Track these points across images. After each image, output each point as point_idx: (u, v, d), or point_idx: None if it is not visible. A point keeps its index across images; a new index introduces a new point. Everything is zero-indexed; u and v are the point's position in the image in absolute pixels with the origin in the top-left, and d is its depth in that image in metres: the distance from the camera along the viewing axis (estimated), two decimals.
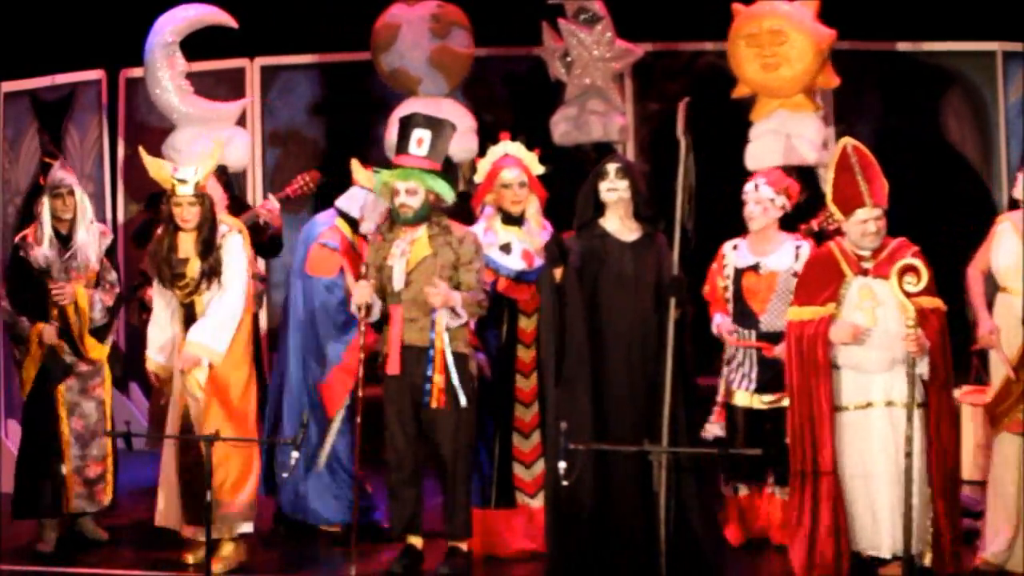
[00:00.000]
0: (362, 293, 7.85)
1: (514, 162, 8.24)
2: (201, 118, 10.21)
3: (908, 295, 7.26)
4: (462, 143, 10.58)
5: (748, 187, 8.14)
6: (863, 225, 7.42)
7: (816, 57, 9.88)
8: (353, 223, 8.48)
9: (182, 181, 7.98)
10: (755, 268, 8.08)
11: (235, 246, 8.09)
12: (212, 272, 8.02)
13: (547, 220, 8.35)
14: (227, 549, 8.11)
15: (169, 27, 10.16)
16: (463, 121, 10.61)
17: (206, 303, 8.05)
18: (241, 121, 11.15)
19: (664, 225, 7.58)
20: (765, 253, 8.09)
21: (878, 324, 7.40)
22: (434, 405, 7.77)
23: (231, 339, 8.01)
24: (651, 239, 7.66)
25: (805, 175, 9.95)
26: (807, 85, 10.00)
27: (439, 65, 10.63)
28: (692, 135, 7.33)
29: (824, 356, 7.44)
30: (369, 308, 7.89)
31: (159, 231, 8.13)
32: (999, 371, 7.72)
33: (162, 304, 8.17)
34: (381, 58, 10.70)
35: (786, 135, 9.94)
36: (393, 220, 7.92)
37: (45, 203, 8.45)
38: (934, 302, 7.38)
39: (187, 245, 8.03)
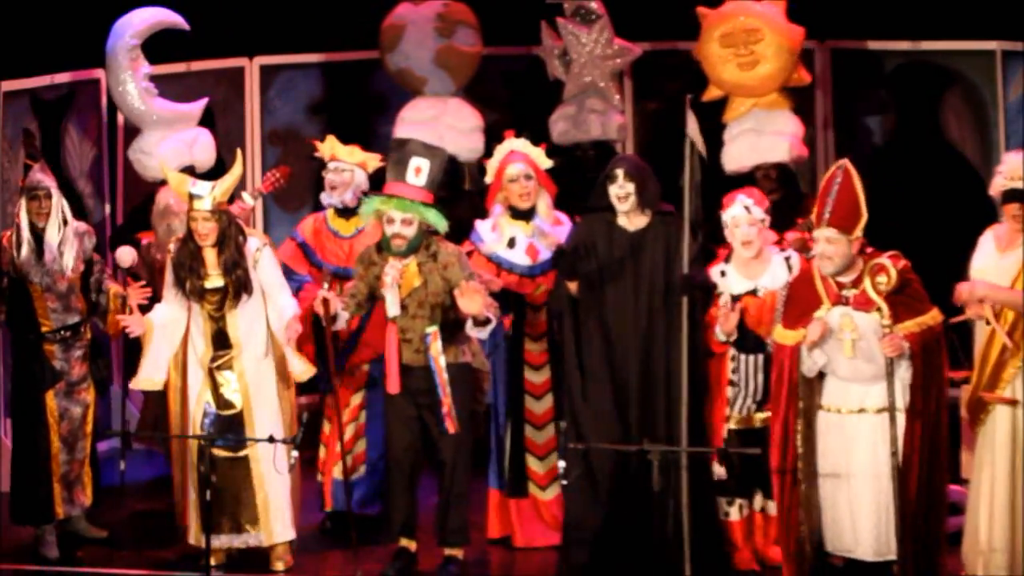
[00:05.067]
0: (329, 302, 7.86)
1: (519, 157, 8.33)
2: (166, 120, 10.22)
3: (881, 294, 7.24)
4: (468, 142, 10.59)
5: (737, 213, 7.80)
6: (815, 245, 7.38)
7: (790, 55, 9.88)
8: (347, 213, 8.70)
9: (198, 196, 7.97)
10: (753, 293, 7.84)
11: (271, 260, 8.13)
12: (241, 288, 8.01)
13: (562, 213, 8.42)
14: (283, 548, 8.19)
15: (129, 30, 10.16)
16: (470, 120, 10.62)
17: (238, 318, 8.05)
18: (240, 120, 11.16)
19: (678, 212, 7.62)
20: (759, 275, 7.86)
21: (857, 356, 7.37)
22: (452, 431, 7.80)
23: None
24: (660, 225, 7.69)
25: (783, 173, 9.96)
26: (783, 82, 9.99)
27: (444, 64, 10.63)
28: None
29: (794, 382, 7.42)
30: (335, 318, 7.90)
31: (181, 243, 8.11)
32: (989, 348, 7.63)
33: (171, 317, 8.14)
34: (387, 58, 10.70)
35: (766, 133, 9.95)
36: (381, 247, 7.91)
37: (22, 205, 8.44)
38: (920, 323, 7.33)
39: (213, 259, 8.03)
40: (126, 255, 8.64)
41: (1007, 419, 7.42)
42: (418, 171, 7.80)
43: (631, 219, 7.79)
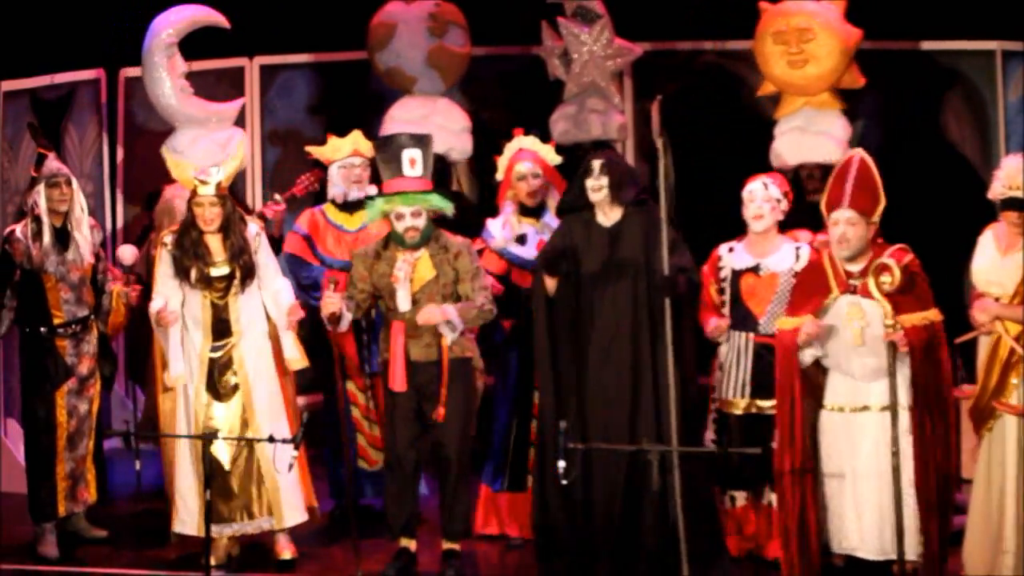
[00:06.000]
0: (331, 304, 7.86)
1: (528, 155, 8.44)
2: (201, 120, 10.20)
3: (885, 295, 7.24)
4: (458, 143, 10.60)
5: (755, 186, 7.99)
6: (834, 228, 7.42)
7: (842, 56, 9.94)
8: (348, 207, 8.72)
9: (203, 182, 7.98)
10: (754, 270, 7.97)
11: (267, 245, 8.19)
12: (247, 273, 8.02)
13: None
14: (286, 539, 8.22)
15: (168, 28, 10.14)
16: (460, 121, 10.62)
17: (240, 304, 8.05)
18: (240, 121, 11.15)
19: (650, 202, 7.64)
20: (765, 254, 7.98)
21: (866, 343, 7.39)
22: (440, 419, 7.82)
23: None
24: (635, 215, 7.71)
25: (828, 173, 9.96)
26: (833, 83, 10.04)
27: (436, 64, 10.63)
28: (667, 134, 7.36)
29: (798, 364, 7.44)
30: (339, 319, 7.90)
31: (180, 232, 8.10)
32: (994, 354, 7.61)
33: (173, 309, 8.13)
34: (377, 56, 10.70)
35: (811, 132, 9.98)
36: (389, 240, 7.92)
37: (41, 193, 8.43)
38: (924, 317, 7.36)
39: (217, 247, 8.03)
40: (128, 253, 8.64)
41: (1015, 423, 7.41)
42: (413, 162, 7.84)
43: (607, 214, 7.82)
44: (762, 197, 7.95)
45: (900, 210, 7.97)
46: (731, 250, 8.03)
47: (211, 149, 9.99)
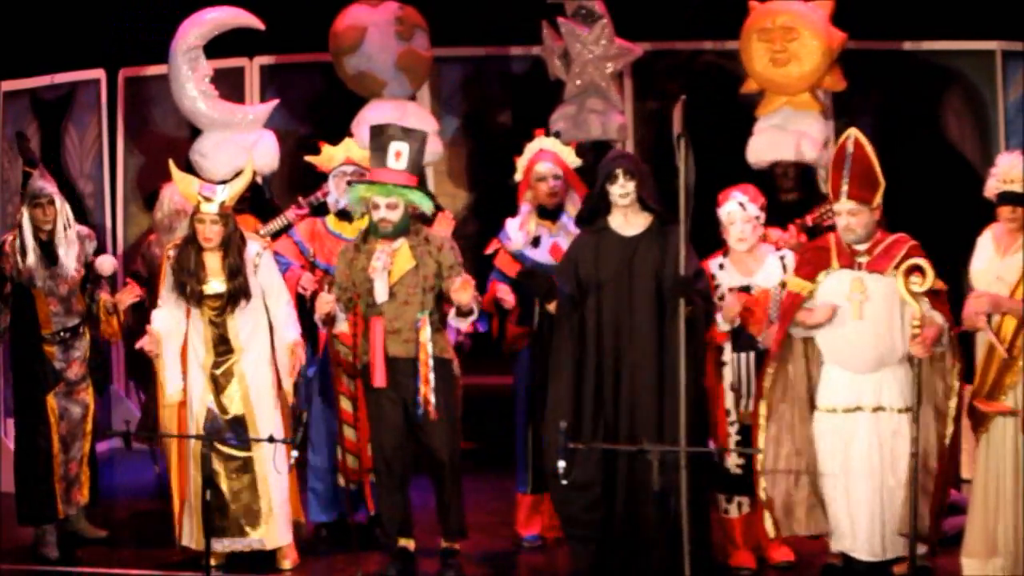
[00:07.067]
0: (324, 305, 7.87)
1: (549, 156, 8.40)
2: (226, 122, 10.19)
3: (914, 295, 7.25)
4: (430, 145, 10.56)
5: (732, 208, 7.86)
6: (838, 218, 7.47)
7: (825, 57, 9.97)
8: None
9: (207, 199, 7.93)
10: (746, 290, 7.86)
11: (270, 264, 8.11)
12: (242, 292, 7.99)
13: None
14: (288, 546, 8.20)
15: (194, 30, 10.13)
16: (430, 124, 10.62)
17: (239, 323, 8.03)
18: None
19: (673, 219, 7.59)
20: (752, 272, 7.89)
21: (864, 319, 7.41)
22: (433, 418, 7.80)
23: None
24: (656, 232, 7.66)
25: (804, 173, 9.99)
26: (814, 84, 10.05)
27: (405, 68, 10.63)
28: (689, 134, 7.33)
29: (785, 327, 7.52)
30: (333, 319, 7.90)
31: (179, 246, 8.07)
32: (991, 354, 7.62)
33: (174, 321, 8.11)
34: (345, 60, 10.67)
35: (789, 131, 10.00)
36: (368, 232, 7.91)
37: (24, 213, 8.43)
38: (938, 283, 7.40)
39: (214, 264, 8.01)
40: (107, 263, 8.56)
41: (1012, 423, 7.42)
42: (398, 155, 7.85)
43: (628, 219, 7.73)
44: (742, 219, 7.85)
45: (900, 209, 7.98)
46: (721, 267, 7.93)
47: (236, 152, 9.97)
